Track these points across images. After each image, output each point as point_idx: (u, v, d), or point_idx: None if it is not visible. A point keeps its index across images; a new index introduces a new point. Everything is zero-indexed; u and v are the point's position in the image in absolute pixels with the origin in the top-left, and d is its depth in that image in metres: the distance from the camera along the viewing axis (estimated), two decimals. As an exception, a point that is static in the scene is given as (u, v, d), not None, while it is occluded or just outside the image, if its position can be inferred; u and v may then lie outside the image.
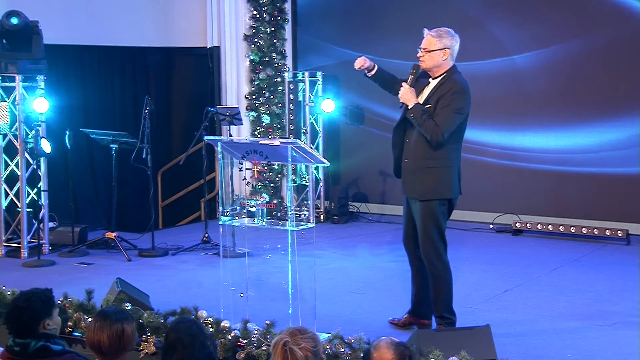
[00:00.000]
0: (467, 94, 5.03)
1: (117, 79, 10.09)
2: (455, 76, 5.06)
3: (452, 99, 4.96)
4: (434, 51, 5.03)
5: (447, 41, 5.03)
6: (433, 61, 5.05)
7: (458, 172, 5.10)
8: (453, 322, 5.17)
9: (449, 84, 5.01)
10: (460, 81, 5.05)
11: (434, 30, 5.08)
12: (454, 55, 5.10)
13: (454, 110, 4.95)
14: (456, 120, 4.97)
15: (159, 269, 7.33)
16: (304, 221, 5.00)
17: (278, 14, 9.88)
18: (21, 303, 3.82)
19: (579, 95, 8.66)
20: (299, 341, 3.12)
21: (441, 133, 4.91)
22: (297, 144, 4.77)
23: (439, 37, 5.03)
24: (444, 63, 5.05)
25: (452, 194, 5.07)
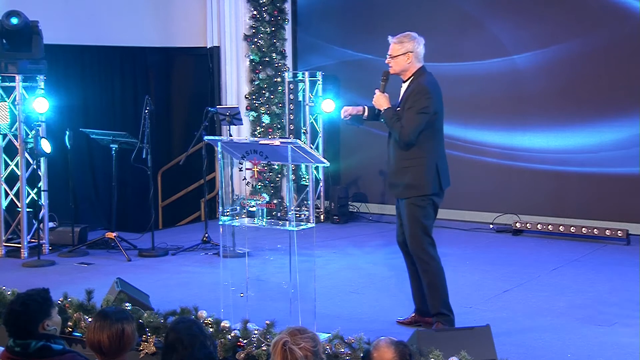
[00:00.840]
0: (430, 93, 5.19)
1: (117, 79, 10.09)
2: (420, 78, 5.26)
3: (415, 100, 5.16)
4: (398, 56, 5.26)
5: (409, 45, 5.26)
6: (399, 66, 5.28)
7: (438, 167, 5.23)
8: (451, 319, 5.20)
9: (413, 86, 5.23)
10: (424, 82, 5.24)
11: (397, 36, 5.31)
12: (420, 58, 5.31)
13: (418, 110, 5.13)
14: (421, 120, 5.13)
15: (159, 269, 7.33)
16: (304, 221, 5.00)
17: (278, 14, 9.88)
18: (18, 307, 3.81)
19: (579, 95, 8.66)
20: (299, 341, 3.12)
21: (407, 134, 5.12)
22: (297, 144, 4.78)
23: (400, 43, 5.27)
24: (410, 66, 5.27)
25: (431, 190, 5.19)
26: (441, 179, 5.22)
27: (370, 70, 9.85)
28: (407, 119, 5.14)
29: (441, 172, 5.22)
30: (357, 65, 9.93)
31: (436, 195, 5.24)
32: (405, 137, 5.13)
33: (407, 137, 5.12)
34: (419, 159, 5.18)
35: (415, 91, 5.19)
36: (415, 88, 5.20)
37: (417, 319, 5.44)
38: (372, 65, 9.78)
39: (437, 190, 5.22)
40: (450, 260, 7.46)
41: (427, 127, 5.16)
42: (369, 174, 10.02)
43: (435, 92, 5.24)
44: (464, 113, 9.28)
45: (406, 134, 5.12)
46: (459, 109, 9.32)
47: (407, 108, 5.17)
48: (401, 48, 5.25)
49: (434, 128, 5.23)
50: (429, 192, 5.19)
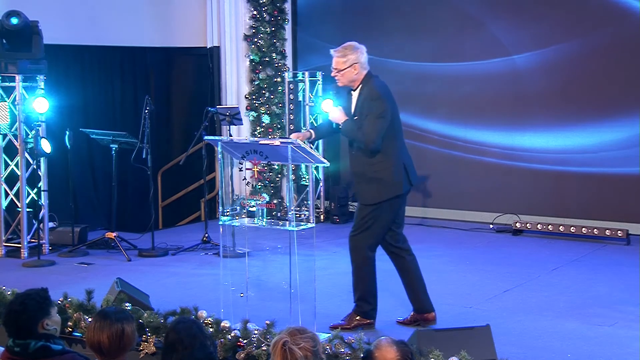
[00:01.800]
0: (383, 96, 5.26)
1: (117, 79, 10.08)
2: (370, 84, 5.33)
3: (370, 106, 5.22)
4: (345, 70, 5.31)
5: (352, 57, 5.32)
6: (347, 79, 5.34)
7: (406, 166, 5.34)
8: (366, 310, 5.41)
9: (365, 92, 5.29)
10: (375, 87, 5.30)
11: (338, 50, 5.38)
12: (365, 65, 5.38)
13: (376, 116, 5.20)
14: (382, 125, 5.20)
15: (159, 269, 7.33)
16: (304, 221, 5.01)
17: (278, 14, 9.88)
18: (16, 307, 3.81)
19: (579, 95, 8.66)
20: (299, 341, 3.12)
21: (372, 140, 5.18)
22: (297, 144, 4.78)
23: (344, 57, 5.33)
24: (358, 76, 5.33)
25: (402, 189, 5.34)
26: (410, 177, 5.36)
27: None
28: (368, 126, 5.18)
29: (409, 170, 5.36)
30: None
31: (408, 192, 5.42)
32: (371, 144, 5.18)
33: (372, 143, 5.18)
34: (386, 162, 5.26)
35: (369, 97, 5.25)
36: (368, 94, 5.26)
37: (417, 318, 5.48)
38: (372, 65, 9.73)
39: (408, 188, 5.38)
40: (450, 260, 7.49)
41: (388, 130, 5.24)
42: (369, 174, 10.00)
43: (387, 94, 5.32)
44: (464, 113, 9.29)
45: (371, 140, 5.17)
46: (459, 109, 9.35)
47: (366, 115, 5.22)
48: (346, 61, 5.31)
49: (394, 129, 5.31)
50: (402, 191, 5.33)
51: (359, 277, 5.45)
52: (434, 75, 9.43)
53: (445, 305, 5.91)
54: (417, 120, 9.59)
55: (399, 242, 5.46)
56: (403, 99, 9.63)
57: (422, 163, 9.57)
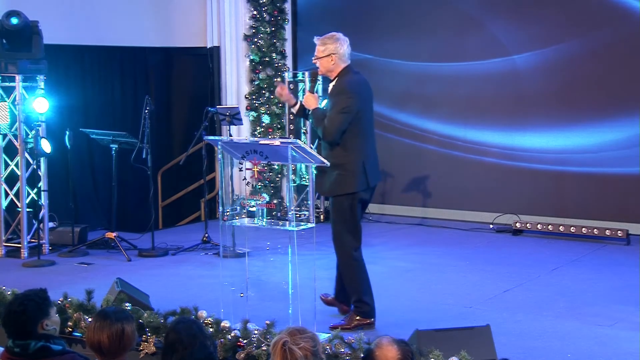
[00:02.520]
0: (352, 92, 5.30)
1: (117, 79, 10.08)
2: (344, 78, 5.37)
3: (336, 100, 5.30)
4: (322, 58, 5.37)
5: (331, 47, 5.34)
6: (324, 67, 5.40)
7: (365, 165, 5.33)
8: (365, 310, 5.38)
9: (337, 86, 5.37)
10: (345, 83, 5.35)
11: (320, 38, 5.41)
12: (344, 58, 5.39)
13: (339, 111, 5.25)
14: (342, 120, 5.24)
15: (159, 269, 7.33)
16: (304, 221, 5.01)
17: (278, 14, 9.88)
18: (16, 307, 3.81)
19: (579, 95, 8.66)
20: (298, 341, 3.12)
21: (329, 133, 5.25)
22: (297, 144, 4.78)
23: (323, 45, 5.37)
24: (335, 67, 5.37)
25: (356, 187, 5.30)
26: (368, 177, 5.34)
27: (370, 70, 9.82)
28: (329, 118, 5.27)
29: (368, 170, 5.34)
30: (357, 65, 9.65)
31: (363, 192, 5.36)
32: (328, 137, 5.26)
33: (329, 136, 5.25)
34: (344, 157, 5.28)
35: (336, 91, 5.33)
36: (337, 88, 5.34)
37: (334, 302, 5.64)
38: (372, 65, 9.78)
39: (364, 187, 5.33)
40: (450, 260, 7.49)
41: (352, 125, 5.27)
42: (369, 174, 10.00)
43: (357, 91, 5.35)
44: (464, 113, 9.29)
45: (328, 133, 5.25)
46: (459, 109, 9.35)
47: (330, 108, 5.31)
48: (324, 50, 5.35)
49: (360, 126, 5.33)
50: (355, 189, 5.30)
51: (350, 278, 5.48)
52: (434, 75, 9.43)
53: (445, 305, 5.93)
54: (417, 120, 9.60)
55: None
56: (403, 99, 9.70)
57: (422, 163, 9.62)
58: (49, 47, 8.05)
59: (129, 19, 9.81)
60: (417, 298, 6.17)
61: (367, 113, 5.40)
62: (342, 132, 5.24)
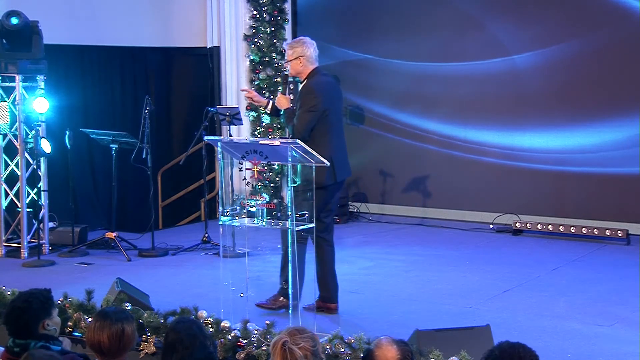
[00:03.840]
0: (316, 92, 5.56)
1: (117, 79, 10.08)
2: (312, 79, 5.65)
3: (304, 100, 5.56)
4: (291, 61, 5.66)
5: (299, 50, 5.63)
6: (294, 70, 5.69)
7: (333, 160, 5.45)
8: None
9: (305, 87, 5.64)
10: (312, 83, 5.62)
11: (288, 43, 5.78)
12: (312, 60, 5.68)
13: (306, 109, 5.53)
14: (309, 118, 5.52)
15: (159, 269, 7.33)
16: (304, 221, 5.01)
17: (278, 14, 9.88)
18: (20, 304, 3.83)
19: (578, 95, 8.66)
20: (298, 341, 3.12)
21: (299, 131, 5.51)
22: (297, 144, 4.78)
23: (291, 49, 5.68)
24: (303, 69, 5.66)
25: (324, 182, 5.46)
26: (336, 172, 5.53)
27: (370, 70, 9.87)
28: (298, 117, 5.54)
29: (336, 165, 5.52)
30: (357, 65, 9.94)
31: (331, 186, 5.57)
32: (297, 134, 5.48)
33: (299, 134, 5.47)
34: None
35: (305, 92, 5.59)
36: (305, 89, 5.61)
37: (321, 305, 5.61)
38: (372, 65, 9.79)
39: (332, 182, 5.55)
40: (450, 260, 7.49)
41: (320, 123, 5.54)
42: (369, 174, 10.02)
43: (324, 90, 5.61)
44: (464, 113, 9.30)
45: (298, 131, 5.50)
46: (459, 109, 9.35)
47: (299, 108, 5.57)
48: (293, 53, 5.64)
49: (328, 124, 5.59)
50: (323, 184, 5.43)
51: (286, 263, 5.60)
52: (434, 75, 9.43)
53: (445, 305, 5.92)
54: (417, 120, 9.60)
55: (324, 231, 5.68)
56: (403, 99, 9.71)
57: (422, 163, 9.62)
58: (49, 47, 8.04)
59: (129, 19, 9.81)
60: (417, 298, 6.17)
61: (334, 111, 5.67)
62: (310, 130, 5.50)
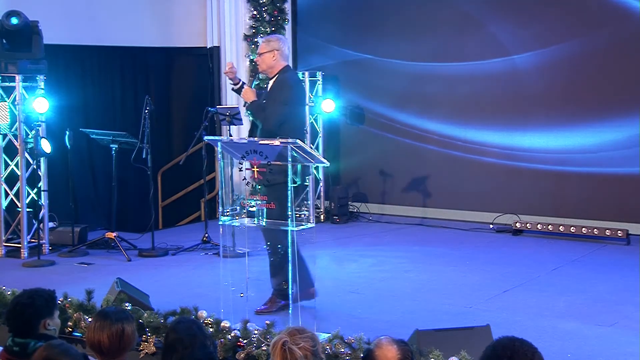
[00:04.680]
0: (293, 87, 5.77)
1: (117, 79, 10.08)
2: (286, 74, 5.82)
3: (278, 93, 5.70)
4: (265, 53, 5.81)
5: (274, 44, 5.82)
6: (266, 63, 5.83)
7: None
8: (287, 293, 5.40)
9: (278, 81, 5.78)
10: (287, 77, 5.80)
11: (264, 38, 5.97)
12: (285, 57, 5.87)
13: (280, 102, 5.65)
14: (282, 111, 5.64)
15: (159, 269, 7.33)
16: (304, 221, 5.01)
17: (278, 14, 9.88)
18: (24, 300, 3.85)
19: (579, 95, 8.66)
20: (298, 341, 3.12)
21: (271, 123, 5.64)
22: (297, 144, 4.78)
23: (267, 42, 5.86)
24: (276, 63, 5.80)
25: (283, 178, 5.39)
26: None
27: (370, 70, 9.87)
28: (271, 109, 5.65)
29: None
30: (357, 65, 9.94)
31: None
32: (269, 125, 5.62)
33: (270, 125, 5.62)
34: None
35: (278, 85, 5.73)
36: (279, 82, 5.75)
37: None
38: (372, 65, 9.79)
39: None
40: (450, 260, 7.49)
41: (290, 118, 5.66)
42: (369, 174, 10.02)
43: (297, 86, 5.84)
44: (464, 113, 9.30)
45: (270, 122, 5.63)
46: (459, 109, 9.35)
47: (272, 100, 5.68)
48: (267, 46, 5.80)
49: (298, 119, 5.81)
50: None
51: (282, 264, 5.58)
52: (434, 75, 9.43)
53: (445, 305, 5.92)
54: (417, 120, 9.60)
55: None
56: (403, 99, 9.70)
57: (422, 163, 9.62)
58: (49, 47, 8.04)
59: (129, 19, 9.81)
60: (417, 298, 6.17)
61: (303, 108, 5.91)
62: (282, 123, 5.60)
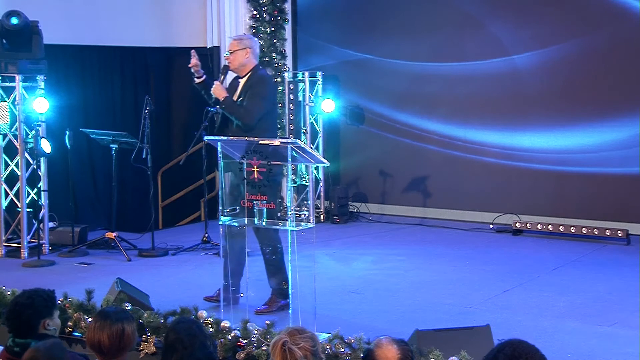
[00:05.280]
0: (270, 84, 5.97)
1: (117, 79, 10.08)
2: (259, 72, 5.95)
3: (257, 89, 5.79)
4: (237, 51, 5.87)
5: (247, 42, 5.92)
6: (238, 61, 5.89)
7: None
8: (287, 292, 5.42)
9: (254, 78, 5.87)
10: (263, 74, 6.00)
11: (236, 35, 5.98)
12: (256, 55, 5.98)
13: (260, 97, 5.76)
14: (262, 105, 5.76)
15: (159, 269, 7.33)
16: (304, 221, 5.01)
17: (278, 14, 9.87)
18: (24, 300, 3.85)
19: (579, 95, 8.66)
20: (298, 341, 3.13)
21: (251, 117, 5.71)
22: (297, 144, 4.78)
23: (240, 40, 5.94)
24: (248, 61, 5.89)
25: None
26: None
27: (370, 70, 9.87)
28: (251, 104, 5.73)
29: None
30: (357, 65, 9.94)
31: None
32: (249, 120, 5.68)
33: (250, 120, 5.69)
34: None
35: (256, 82, 5.81)
36: (256, 79, 5.83)
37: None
38: (372, 65, 9.79)
39: None
40: (450, 260, 7.49)
41: (267, 114, 5.78)
42: (369, 174, 10.02)
43: (273, 84, 5.93)
44: (464, 113, 9.30)
45: (250, 117, 5.69)
46: (459, 109, 9.35)
47: (250, 96, 5.74)
48: (240, 44, 5.87)
49: (274, 115, 5.95)
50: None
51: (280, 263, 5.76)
52: (434, 75, 9.43)
53: (445, 305, 5.92)
54: (417, 120, 9.60)
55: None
56: (403, 99, 9.70)
57: (422, 163, 9.62)
58: (49, 47, 8.04)
59: (129, 19, 9.81)
60: (417, 298, 6.17)
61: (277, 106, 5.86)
62: (259, 118, 5.70)
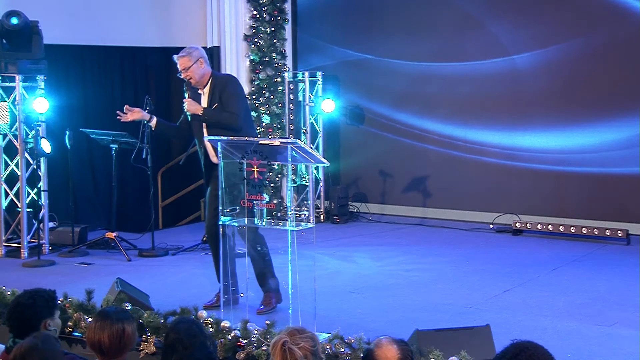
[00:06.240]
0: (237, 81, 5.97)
1: (117, 79, 10.08)
2: (219, 75, 5.98)
3: (229, 89, 5.74)
4: (192, 66, 5.75)
5: (196, 54, 5.80)
6: (198, 73, 5.78)
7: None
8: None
9: (219, 82, 5.80)
10: (225, 76, 6.07)
11: (181, 53, 5.81)
12: (207, 62, 5.88)
13: (236, 96, 5.75)
14: (244, 104, 5.83)
15: (159, 269, 7.33)
16: (304, 221, 5.01)
17: (278, 14, 9.88)
18: (25, 300, 3.85)
19: (578, 95, 8.66)
20: (298, 341, 3.13)
21: (239, 117, 5.69)
22: (297, 144, 4.78)
23: (189, 55, 5.78)
24: (205, 71, 5.81)
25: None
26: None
27: (370, 70, 9.87)
28: (232, 105, 5.68)
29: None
30: (357, 65, 9.94)
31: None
32: (238, 120, 5.65)
33: (239, 119, 5.66)
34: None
35: (223, 84, 5.76)
36: (221, 82, 5.78)
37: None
38: (372, 65, 9.79)
39: None
40: (450, 260, 7.49)
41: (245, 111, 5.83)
42: (369, 174, 10.02)
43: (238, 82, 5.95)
44: (464, 113, 9.30)
45: (236, 119, 5.65)
46: (459, 109, 9.35)
47: (227, 98, 5.69)
48: (191, 58, 5.75)
49: (249, 112, 6.00)
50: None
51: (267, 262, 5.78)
52: (434, 75, 9.43)
53: (445, 305, 5.92)
54: (417, 120, 9.60)
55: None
56: (403, 99, 9.71)
57: (422, 163, 9.62)
58: (49, 47, 8.05)
59: (129, 19, 9.81)
60: (417, 298, 6.17)
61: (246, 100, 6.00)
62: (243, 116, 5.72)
